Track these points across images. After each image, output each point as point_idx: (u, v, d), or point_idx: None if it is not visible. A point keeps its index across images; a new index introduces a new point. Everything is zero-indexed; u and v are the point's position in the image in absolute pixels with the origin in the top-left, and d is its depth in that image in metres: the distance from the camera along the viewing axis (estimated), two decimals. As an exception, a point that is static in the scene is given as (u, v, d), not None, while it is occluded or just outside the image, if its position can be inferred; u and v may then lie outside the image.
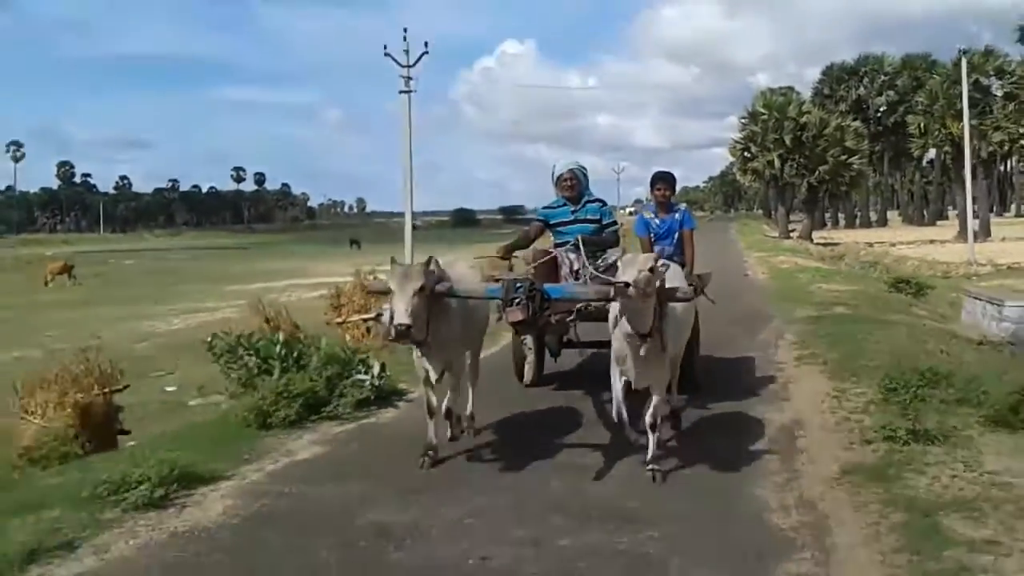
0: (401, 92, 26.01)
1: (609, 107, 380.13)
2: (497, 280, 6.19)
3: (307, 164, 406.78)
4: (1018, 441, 6.08)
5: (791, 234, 51.48)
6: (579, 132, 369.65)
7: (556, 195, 7.71)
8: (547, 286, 6.00)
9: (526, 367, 8.06)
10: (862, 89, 73.91)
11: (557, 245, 7.51)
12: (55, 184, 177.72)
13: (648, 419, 5.64)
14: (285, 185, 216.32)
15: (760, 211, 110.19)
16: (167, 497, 5.15)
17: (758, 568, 4.21)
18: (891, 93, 72.46)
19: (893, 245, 44.87)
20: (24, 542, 4.39)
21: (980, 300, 13.76)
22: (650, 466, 5.56)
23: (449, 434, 6.22)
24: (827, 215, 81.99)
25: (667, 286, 5.36)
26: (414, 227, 28.31)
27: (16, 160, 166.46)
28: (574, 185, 7.50)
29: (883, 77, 73.27)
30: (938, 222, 70.04)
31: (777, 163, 49.68)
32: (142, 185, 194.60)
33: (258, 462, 6.05)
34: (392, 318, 5.25)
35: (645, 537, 4.59)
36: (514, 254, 7.60)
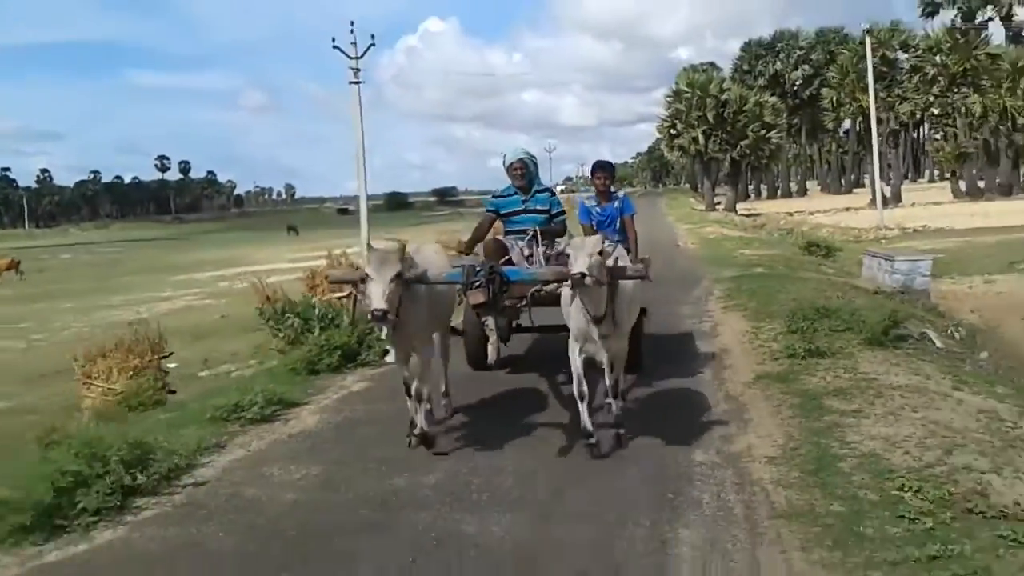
0: (351, 83, 27.38)
1: (535, 84, 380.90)
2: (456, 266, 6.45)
3: (231, 151, 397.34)
4: (886, 355, 8.24)
5: (716, 207, 54.21)
6: (506, 111, 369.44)
7: (508, 183, 7.86)
8: (506, 269, 6.28)
9: (489, 348, 8.18)
10: (779, 64, 76.91)
11: (507, 233, 7.74)
12: None
13: (611, 388, 6.12)
14: (211, 173, 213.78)
15: (688, 185, 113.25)
16: (273, 415, 7.02)
17: (704, 434, 6.21)
18: (806, 67, 75.43)
19: (811, 214, 47.78)
20: (186, 444, 6.17)
21: (876, 257, 16.13)
22: (617, 429, 6.06)
23: (422, 415, 6.13)
24: (750, 187, 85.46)
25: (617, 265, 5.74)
26: (347, 211, 29.67)
27: None
28: (524, 174, 7.65)
29: (798, 52, 76.10)
30: (855, 190, 73.37)
31: (701, 139, 52.39)
32: (60, 178, 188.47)
33: (323, 394, 7.91)
34: (370, 303, 5.37)
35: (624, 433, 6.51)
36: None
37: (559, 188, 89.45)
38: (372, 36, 27.50)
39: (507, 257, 7.32)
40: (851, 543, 4.22)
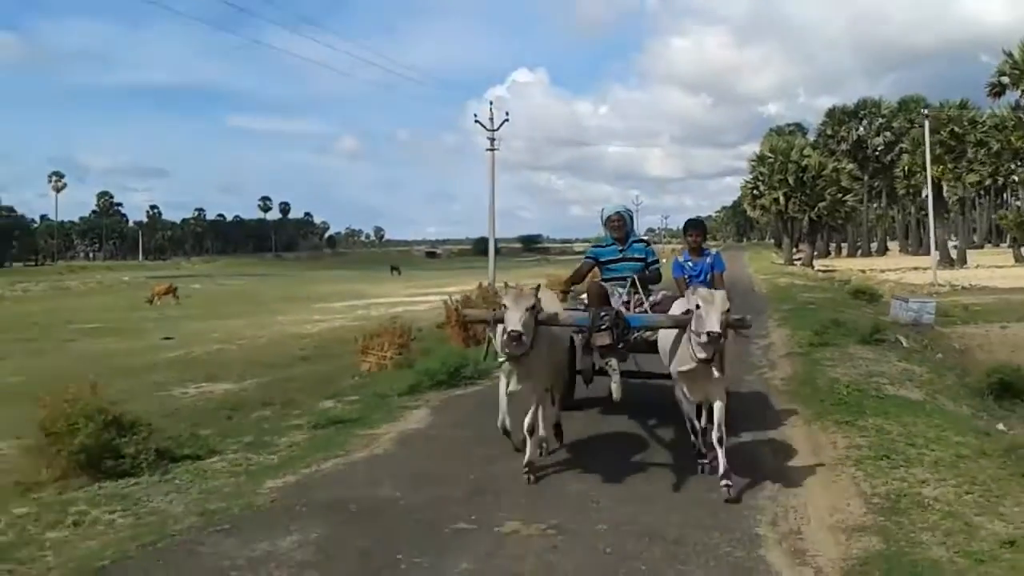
0: (488, 150, 33.91)
1: (621, 136, 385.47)
2: (585, 309, 7.14)
3: (322, 193, 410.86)
4: (867, 347, 13.89)
5: (795, 262, 59.24)
6: (591, 161, 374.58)
7: (604, 234, 8.40)
8: (628, 315, 6.83)
9: (613, 387, 8.00)
10: (861, 130, 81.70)
11: (605, 280, 8.06)
12: (85, 213, 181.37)
13: (715, 434, 6.20)
14: (307, 214, 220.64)
15: (771, 241, 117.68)
16: (449, 384, 11.70)
17: (754, 372, 11.90)
18: (888, 134, 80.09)
19: (882, 271, 52.33)
20: (397, 388, 11.56)
21: (899, 299, 21.47)
22: (723, 482, 6.12)
23: (528, 451, 6.67)
24: (831, 245, 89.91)
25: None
26: (436, 255, 35.24)
27: (58, 191, 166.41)
28: (621, 226, 8.14)
29: (880, 119, 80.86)
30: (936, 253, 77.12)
31: (782, 200, 57.72)
32: (165, 213, 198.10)
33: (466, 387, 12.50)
34: (507, 325, 5.92)
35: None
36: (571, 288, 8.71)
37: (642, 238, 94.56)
38: (507, 113, 34.06)
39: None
40: (810, 401, 9.87)
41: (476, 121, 33.88)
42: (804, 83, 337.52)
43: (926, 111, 44.12)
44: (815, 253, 66.09)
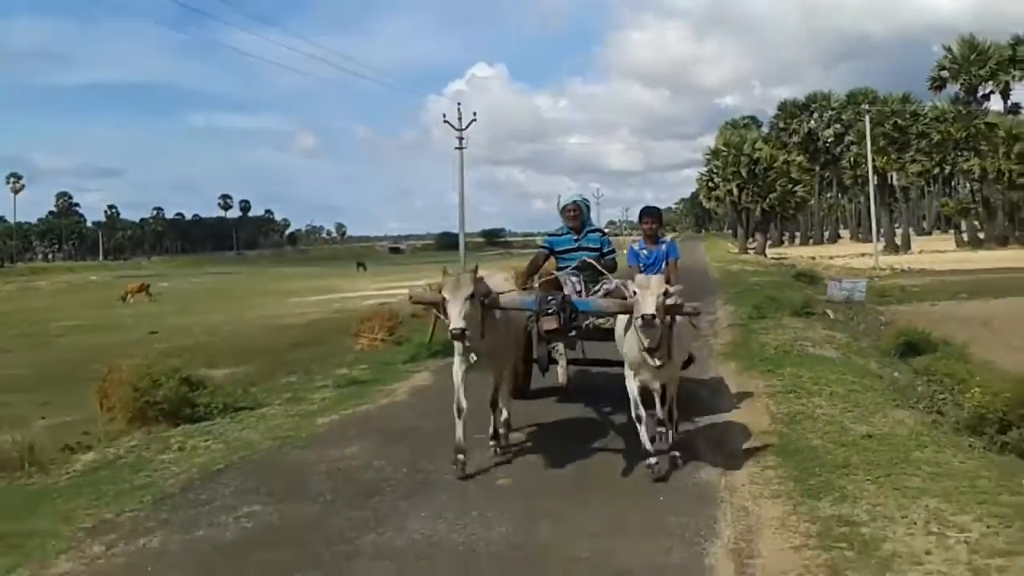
0: (456, 148, 35.85)
1: (580, 129, 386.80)
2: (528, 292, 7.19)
3: (282, 190, 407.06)
4: (798, 319, 16.08)
5: (749, 250, 61.89)
6: (551, 154, 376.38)
7: (561, 223, 8.25)
8: (575, 300, 6.77)
9: (559, 371, 8.30)
10: (812, 122, 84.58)
11: (559, 269, 7.99)
12: (38, 214, 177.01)
13: (661, 414, 6.50)
14: (268, 211, 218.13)
15: (729, 231, 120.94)
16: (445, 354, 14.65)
17: (700, 341, 13.99)
18: (837, 126, 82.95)
19: (831, 258, 55.19)
20: (400, 359, 13.63)
21: (834, 280, 23.86)
22: (672, 452, 6.47)
23: (491, 433, 6.91)
24: (785, 235, 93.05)
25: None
26: (400, 251, 36.77)
27: (15, 192, 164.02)
28: (577, 215, 8.09)
29: (830, 111, 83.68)
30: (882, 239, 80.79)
31: (735, 192, 60.36)
32: (122, 213, 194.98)
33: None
34: (448, 322, 5.93)
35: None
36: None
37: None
38: (474, 113, 36.00)
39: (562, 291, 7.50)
40: (743, 359, 11.96)
41: (445, 121, 35.84)
42: (760, 75, 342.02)
43: (867, 107, 46.65)
44: (769, 242, 68.95)
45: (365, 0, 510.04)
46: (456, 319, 5.83)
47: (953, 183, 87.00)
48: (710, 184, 62.50)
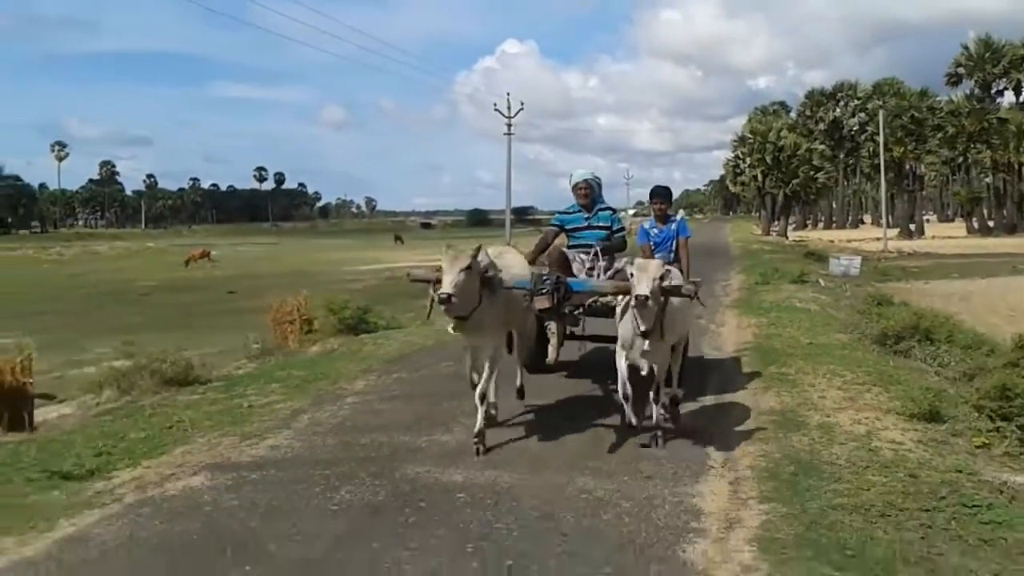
0: (505, 134, 39.90)
1: (611, 108, 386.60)
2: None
3: (311, 164, 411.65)
4: (795, 285, 20.17)
5: (772, 232, 65.64)
6: (580, 133, 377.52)
7: (573, 200, 8.30)
8: (569, 280, 6.96)
9: (550, 350, 8.36)
10: (838, 111, 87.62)
11: (570, 247, 8.15)
12: (74, 181, 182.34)
13: (653, 395, 6.64)
14: (301, 185, 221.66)
15: (755, 214, 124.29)
16: None
17: (713, 299, 18.16)
18: (862, 115, 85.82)
19: (848, 241, 58.89)
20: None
21: (834, 257, 27.86)
22: (656, 431, 6.60)
23: (481, 416, 6.56)
24: (809, 219, 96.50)
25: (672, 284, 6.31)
26: (431, 226, 39.33)
27: (60, 160, 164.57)
28: (588, 193, 8.16)
29: (856, 101, 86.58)
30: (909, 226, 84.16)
31: (760, 177, 64.08)
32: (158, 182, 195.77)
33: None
34: (440, 288, 5.98)
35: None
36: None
37: (631, 212, 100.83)
38: (522, 103, 39.96)
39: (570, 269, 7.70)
40: (743, 308, 16.11)
41: (496, 110, 39.83)
42: (794, 57, 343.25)
43: (880, 102, 50.28)
44: (793, 225, 72.65)
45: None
46: (447, 285, 5.92)
47: (975, 173, 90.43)
48: (736, 169, 66.36)
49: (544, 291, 6.61)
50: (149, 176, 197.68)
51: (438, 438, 6.93)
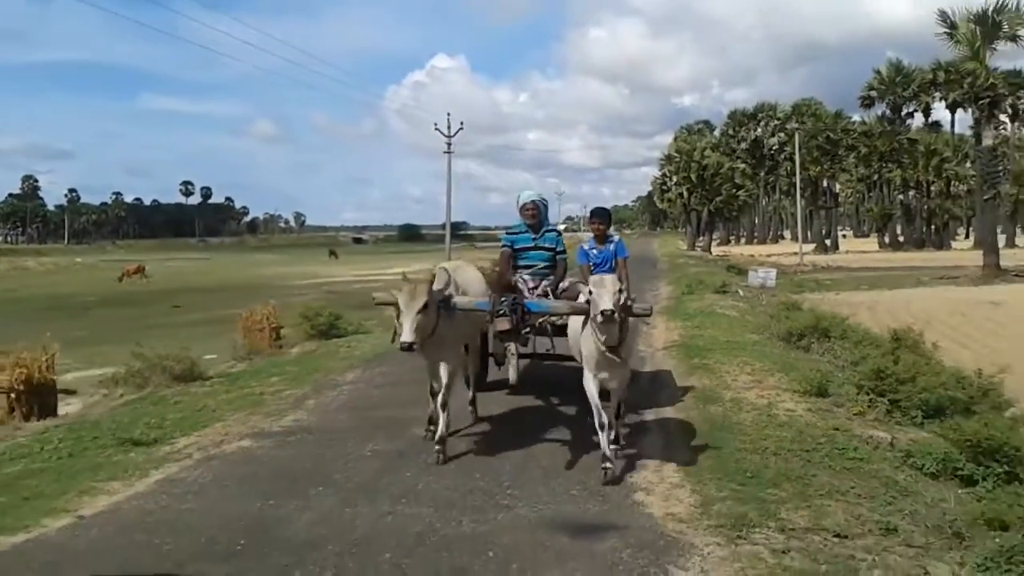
0: (445, 152, 41.61)
1: (540, 124, 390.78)
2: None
3: (237, 178, 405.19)
4: (716, 295, 22.30)
5: (697, 247, 68.51)
6: (510, 149, 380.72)
7: (519, 220, 8.31)
8: (527, 301, 7.16)
9: (511, 370, 8.21)
10: (759, 131, 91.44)
11: (516, 267, 8.19)
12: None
13: (608, 416, 6.57)
14: (228, 199, 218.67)
15: (682, 229, 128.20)
16: None
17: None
18: (782, 135, 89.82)
19: (768, 256, 61.96)
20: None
21: (752, 270, 30.20)
22: (612, 447, 6.57)
23: (438, 430, 6.88)
24: (732, 234, 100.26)
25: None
26: (363, 241, 40.70)
27: None
28: (536, 214, 8.21)
29: (775, 121, 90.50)
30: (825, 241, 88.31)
31: (685, 194, 66.97)
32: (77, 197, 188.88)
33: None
34: (400, 334, 6.13)
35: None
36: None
37: (562, 227, 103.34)
38: (461, 123, 41.71)
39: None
40: (671, 315, 18.02)
41: (436, 129, 41.55)
42: (718, 75, 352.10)
43: (799, 124, 53.51)
44: (717, 240, 75.74)
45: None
46: (408, 333, 6.03)
47: (887, 191, 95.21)
48: (663, 186, 69.15)
49: (503, 312, 6.78)
50: (71, 191, 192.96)
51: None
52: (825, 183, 72.42)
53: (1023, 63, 63.86)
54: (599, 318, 5.95)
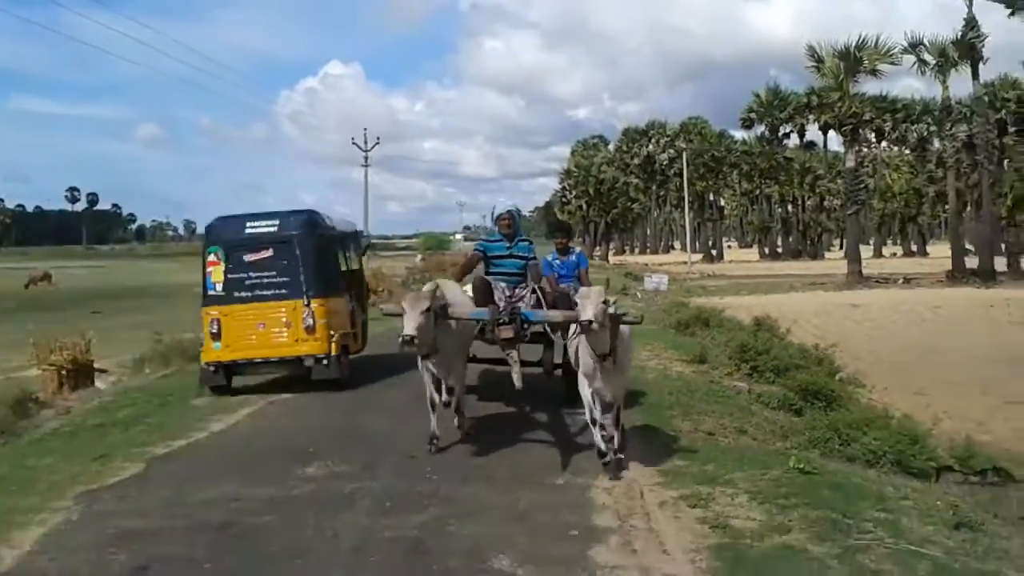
0: (362, 165, 44.06)
1: (436, 134, 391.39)
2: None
3: (123, 183, 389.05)
4: (621, 298, 25.56)
5: (595, 256, 72.57)
6: (407, 158, 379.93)
7: (494, 230, 8.79)
8: (524, 310, 7.49)
9: (514, 375, 7.91)
10: (651, 147, 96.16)
11: (490, 273, 8.41)
12: None
13: (612, 418, 6.85)
14: (115, 206, 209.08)
15: (580, 239, 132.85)
16: None
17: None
18: (671, 151, 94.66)
19: (660, 264, 66.52)
20: None
21: (647, 276, 33.88)
22: (616, 455, 6.80)
23: (457, 424, 7.72)
24: (626, 244, 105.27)
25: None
26: None
27: None
28: (510, 224, 8.55)
29: (666, 138, 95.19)
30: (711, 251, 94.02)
31: (584, 207, 70.98)
32: None
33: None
34: (403, 329, 6.48)
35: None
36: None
37: (458, 235, 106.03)
38: (378, 138, 44.19)
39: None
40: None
41: (353, 143, 43.96)
42: (610, 89, 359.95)
43: (687, 142, 58.08)
44: (613, 250, 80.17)
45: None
46: (409, 327, 6.43)
47: (767, 205, 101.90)
48: (563, 199, 73.13)
49: (503, 322, 7.19)
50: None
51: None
52: (711, 197, 77.80)
53: (893, 87, 70.55)
54: (577, 328, 6.32)
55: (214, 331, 10.48)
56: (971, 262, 42.61)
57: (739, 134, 76.76)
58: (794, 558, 4.93)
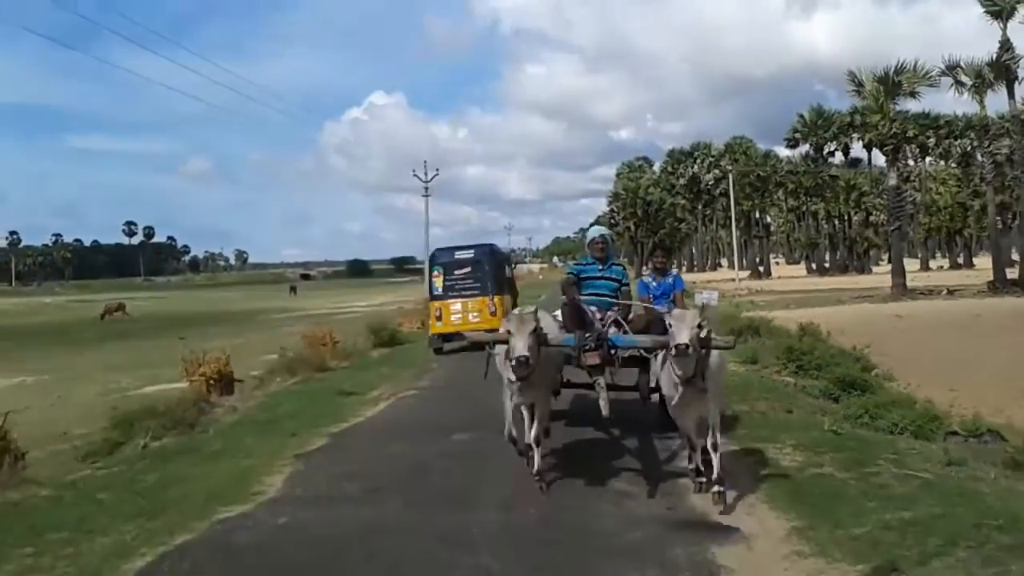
0: (423, 195, 46.59)
1: (479, 159, 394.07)
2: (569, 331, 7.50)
3: (176, 216, 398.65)
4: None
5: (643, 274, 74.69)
6: (451, 183, 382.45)
7: (587, 254, 8.85)
8: (612, 336, 7.48)
9: (601, 403, 7.83)
10: (695, 167, 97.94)
11: (584, 294, 8.28)
12: None
13: (710, 440, 6.59)
14: (171, 238, 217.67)
15: (626, 259, 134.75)
16: None
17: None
18: (716, 171, 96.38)
19: (708, 281, 68.10)
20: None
21: (699, 292, 35.74)
22: (715, 488, 6.50)
23: (536, 462, 7.15)
24: (674, 263, 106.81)
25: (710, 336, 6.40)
26: (311, 277, 43.59)
27: None
28: (604, 248, 8.68)
29: (711, 159, 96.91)
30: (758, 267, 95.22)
31: (632, 228, 73.06)
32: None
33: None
34: (513, 351, 6.39)
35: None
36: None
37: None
38: (437, 169, 46.69)
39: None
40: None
41: (414, 175, 46.42)
42: (652, 110, 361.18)
43: (732, 162, 59.86)
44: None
45: (259, 25, 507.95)
46: (521, 348, 6.36)
47: (813, 221, 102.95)
48: (612, 221, 75.36)
49: (589, 348, 7.15)
50: (12, 233, 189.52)
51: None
52: (758, 215, 79.33)
53: (939, 101, 71.76)
54: (673, 351, 6.05)
55: (437, 315, 18.12)
56: (1012, 273, 43.77)
57: (784, 152, 78.43)
58: (824, 480, 6.99)
